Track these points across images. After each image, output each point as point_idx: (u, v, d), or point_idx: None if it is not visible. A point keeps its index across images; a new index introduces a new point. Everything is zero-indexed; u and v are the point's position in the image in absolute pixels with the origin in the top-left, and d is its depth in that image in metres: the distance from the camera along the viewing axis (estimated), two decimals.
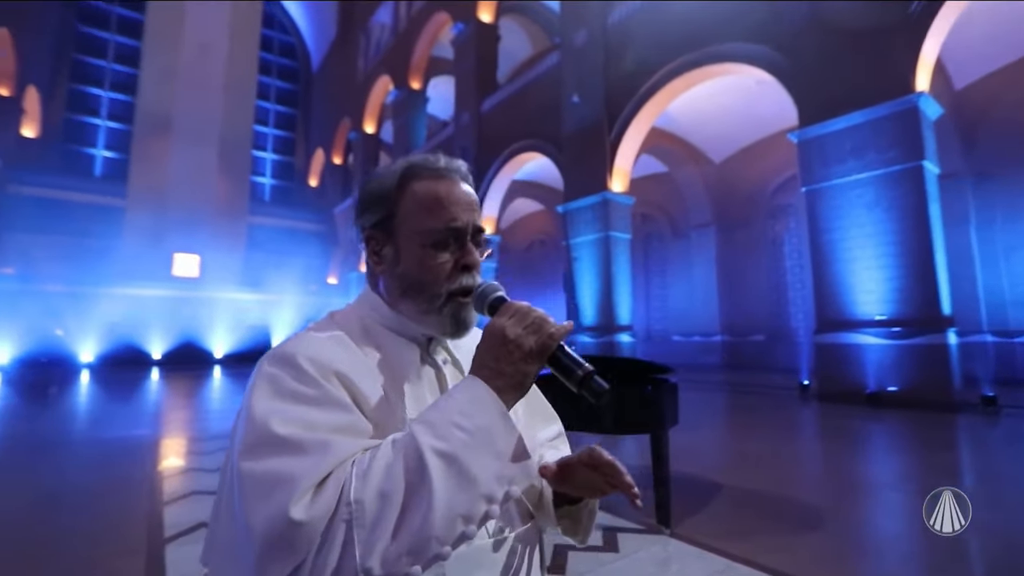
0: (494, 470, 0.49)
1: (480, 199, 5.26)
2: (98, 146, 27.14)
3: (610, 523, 2.99)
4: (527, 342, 0.53)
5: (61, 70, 26.33)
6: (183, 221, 24.07)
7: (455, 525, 0.46)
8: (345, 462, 0.48)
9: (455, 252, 0.63)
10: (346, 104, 28.85)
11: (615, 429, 2.81)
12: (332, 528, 0.44)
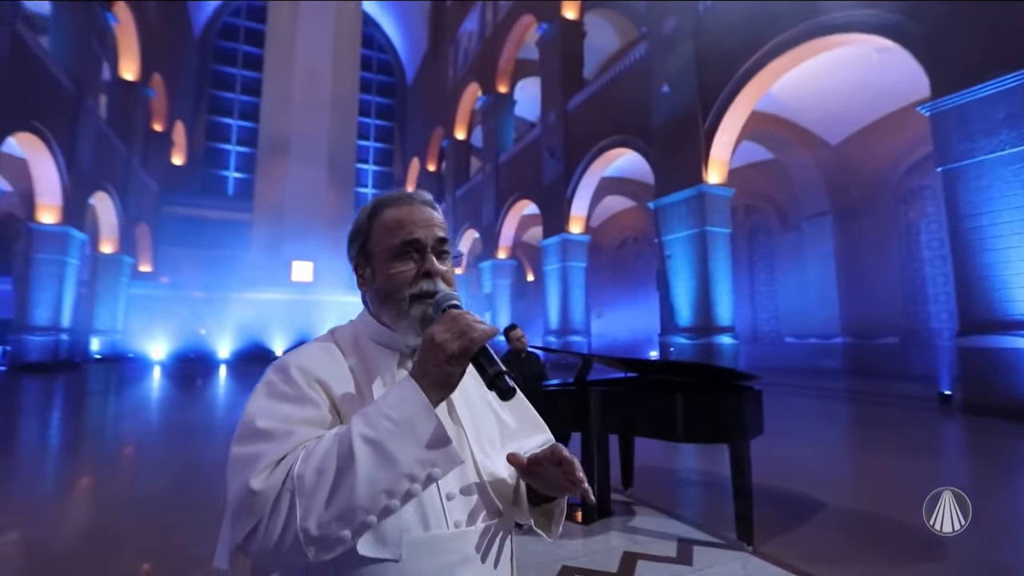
0: (415, 454, 0.58)
1: (569, 198, 5.38)
2: (230, 169, 31.61)
3: (687, 535, 2.93)
4: (451, 346, 0.61)
5: (201, 105, 31.08)
6: (299, 231, 26.95)
7: (379, 498, 0.56)
8: (300, 446, 0.60)
9: (417, 262, 0.73)
10: (438, 113, 30.40)
11: (685, 437, 2.76)
12: (280, 497, 0.56)
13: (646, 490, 3.89)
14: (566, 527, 3.20)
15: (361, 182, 35.89)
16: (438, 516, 0.66)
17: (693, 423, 2.76)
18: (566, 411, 3.13)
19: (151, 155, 24.72)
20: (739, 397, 2.77)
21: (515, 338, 4.07)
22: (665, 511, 3.41)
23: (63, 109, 15.14)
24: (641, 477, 4.16)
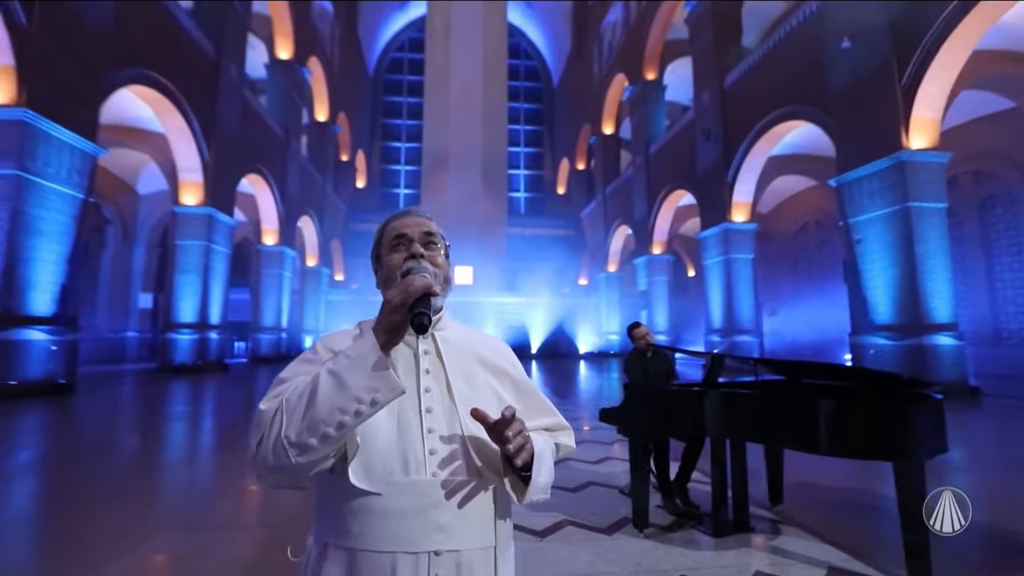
0: (363, 381, 0.73)
1: (730, 183, 7.05)
2: (400, 186, 36.20)
3: (840, 563, 2.56)
4: (395, 300, 0.76)
5: (375, 133, 36.20)
6: (458, 237, 29.45)
7: (334, 414, 0.72)
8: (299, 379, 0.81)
9: (407, 250, 0.92)
10: (585, 111, 30.54)
11: (831, 450, 2.41)
12: (276, 415, 0.76)
13: (800, 509, 3.46)
14: (694, 536, 3.06)
15: (513, 187, 37.79)
16: (419, 465, 0.81)
17: (840, 434, 2.41)
18: (678, 412, 2.98)
19: (340, 181, 29.63)
20: (903, 406, 2.34)
21: (638, 336, 3.98)
22: (819, 534, 3.01)
23: (277, 152, 19.12)
24: (796, 494, 3.71)
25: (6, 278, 8.10)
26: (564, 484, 4.08)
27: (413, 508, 0.79)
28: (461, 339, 0.96)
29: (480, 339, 1.00)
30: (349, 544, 0.80)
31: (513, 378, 0.97)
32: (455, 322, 1.02)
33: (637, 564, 2.66)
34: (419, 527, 0.79)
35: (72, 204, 9.32)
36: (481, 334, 1.02)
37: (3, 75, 8.05)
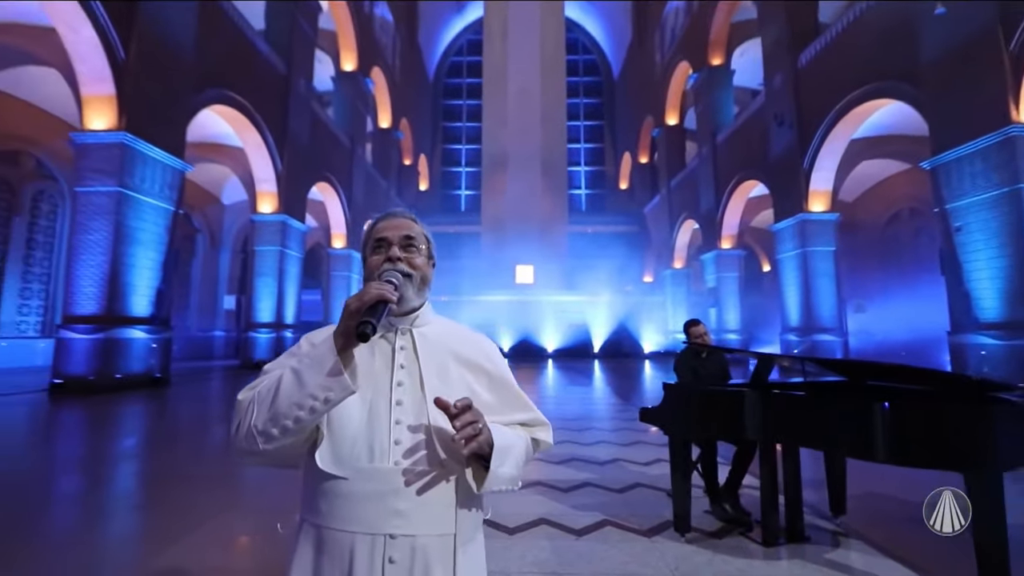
0: (318, 381, 0.80)
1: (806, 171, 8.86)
2: (461, 188, 37.00)
3: None
4: (351, 305, 0.81)
5: (437, 136, 37.24)
6: (519, 237, 29.68)
7: (292, 409, 0.80)
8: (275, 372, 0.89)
9: (381, 255, 0.97)
10: (647, 102, 29.72)
11: (889, 457, 2.21)
12: (250, 405, 0.85)
13: (866, 521, 3.21)
14: (741, 543, 2.92)
15: (574, 184, 37.49)
16: (383, 453, 0.87)
17: (899, 440, 2.21)
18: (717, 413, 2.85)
19: (403, 185, 30.78)
20: (974, 410, 2.11)
21: (695, 334, 3.83)
22: (883, 549, 2.77)
23: (343, 159, 20.20)
24: (863, 505, 3.44)
25: (111, 283, 9.19)
26: (610, 485, 4.03)
27: (373, 493, 0.85)
28: (440, 335, 1.00)
29: (460, 335, 1.03)
30: (318, 522, 0.87)
31: (489, 373, 1.00)
32: (440, 318, 1.05)
33: (675, 568, 2.59)
34: (377, 511, 0.84)
35: (165, 216, 10.40)
36: (463, 330, 1.05)
37: (106, 103, 9.15)
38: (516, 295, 28.39)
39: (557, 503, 3.62)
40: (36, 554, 2.78)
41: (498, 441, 0.87)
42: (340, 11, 20.16)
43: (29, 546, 2.86)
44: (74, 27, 8.57)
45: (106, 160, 9.15)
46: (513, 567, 2.61)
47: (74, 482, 4.37)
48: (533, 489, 3.93)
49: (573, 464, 4.72)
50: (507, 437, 0.91)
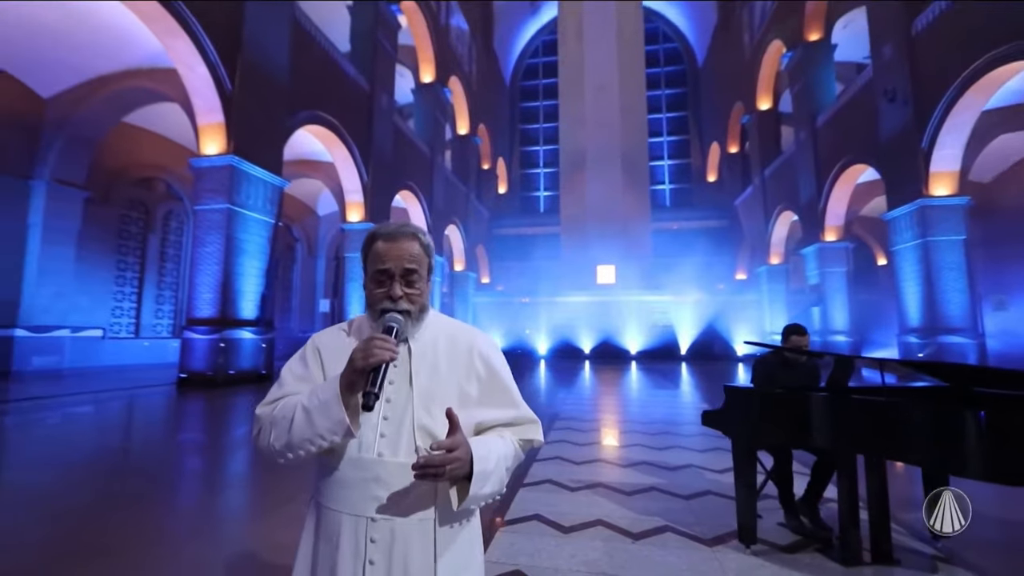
0: (325, 425, 0.93)
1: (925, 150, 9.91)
2: (540, 189, 37.19)
3: None
4: (358, 363, 0.92)
5: (514, 139, 37.76)
6: (600, 236, 29.27)
7: (303, 443, 0.95)
8: (288, 395, 1.03)
9: (387, 286, 1.03)
10: (736, 88, 28.07)
11: (986, 474, 1.95)
12: (264, 425, 1.00)
13: (969, 547, 2.83)
14: (816, 560, 2.70)
15: (657, 179, 36.26)
16: (369, 446, 0.98)
17: (1000, 455, 1.96)
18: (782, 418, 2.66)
19: (482, 189, 31.57)
20: None
21: (796, 344, 3.48)
22: None
23: (423, 167, 21.19)
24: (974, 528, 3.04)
25: (224, 290, 10.41)
26: (678, 491, 3.91)
27: (359, 479, 0.96)
28: (435, 337, 1.08)
29: (455, 337, 1.10)
30: (319, 500, 1.01)
31: (478, 372, 1.07)
32: (441, 319, 1.14)
33: None
34: (361, 496, 0.96)
35: (267, 228, 11.60)
36: (460, 332, 1.12)
37: (217, 131, 10.41)
38: (597, 296, 28.02)
39: (618, 506, 3.58)
40: (167, 517, 3.28)
41: (478, 466, 0.93)
42: (418, 26, 21.21)
43: (162, 511, 3.38)
44: (191, 66, 9.86)
45: (218, 181, 10.40)
46: (563, 565, 2.64)
47: (196, 462, 5.03)
48: (594, 491, 3.91)
49: (642, 468, 4.62)
50: (488, 460, 0.96)
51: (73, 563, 2.62)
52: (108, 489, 4.02)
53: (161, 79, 11.18)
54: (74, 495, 3.81)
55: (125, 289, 15.12)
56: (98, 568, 2.56)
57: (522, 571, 2.56)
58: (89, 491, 3.95)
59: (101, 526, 3.18)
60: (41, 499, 3.67)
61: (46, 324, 12.57)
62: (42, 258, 12.39)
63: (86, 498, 3.76)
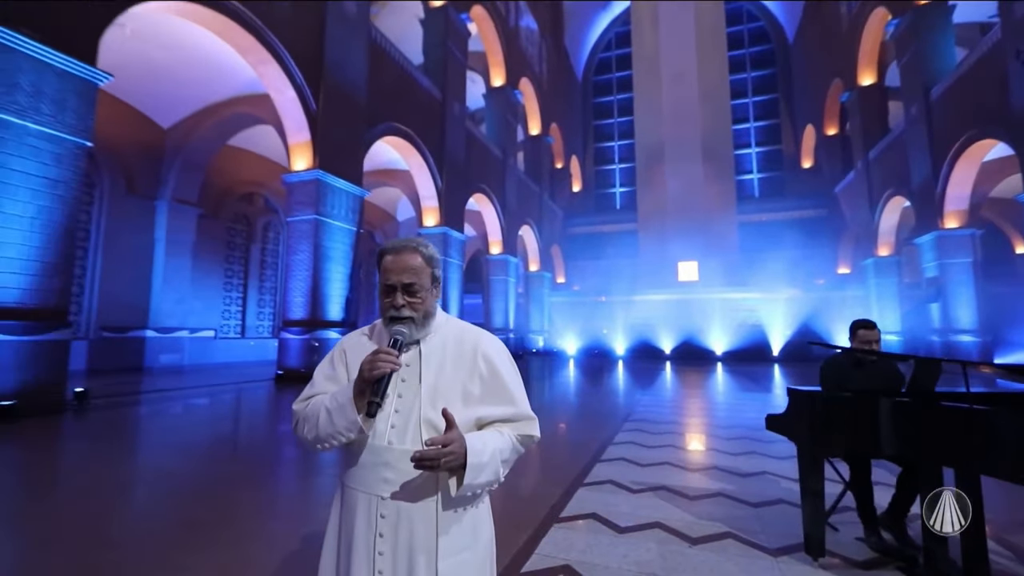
0: (342, 424, 1.10)
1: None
2: (616, 186, 36.48)
3: None
4: (364, 373, 1.07)
5: (588, 136, 37.33)
6: (681, 232, 28.24)
7: (328, 438, 1.12)
8: (319, 393, 1.19)
9: (392, 297, 1.17)
10: (833, 64, 25.85)
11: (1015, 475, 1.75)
12: (301, 418, 1.18)
13: None
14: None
15: (743, 168, 34.29)
16: (382, 434, 1.13)
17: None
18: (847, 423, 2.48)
19: (555, 189, 31.56)
20: None
21: (862, 339, 3.20)
22: None
23: (496, 170, 21.63)
24: None
25: (313, 294, 11.36)
26: (747, 498, 3.75)
27: (372, 463, 1.12)
28: (444, 340, 1.21)
29: (464, 339, 1.23)
30: (344, 481, 1.18)
31: (480, 371, 1.18)
32: (451, 321, 1.27)
33: None
34: (374, 477, 1.11)
35: (349, 235, 12.47)
36: (468, 334, 1.24)
37: (305, 148, 11.39)
38: (678, 294, 27.06)
39: (679, 509, 3.52)
40: (265, 495, 3.72)
41: (472, 459, 1.04)
42: (487, 32, 21.69)
43: (262, 490, 3.83)
44: (280, 90, 10.88)
45: (306, 194, 11.37)
46: (613, 563, 2.66)
47: (291, 450, 5.58)
48: (656, 493, 3.86)
49: (711, 473, 4.47)
50: (483, 454, 1.07)
51: (197, 529, 3.08)
52: (221, 469, 4.62)
53: (257, 104, 12.40)
54: (195, 473, 4.43)
55: (232, 294, 16.93)
56: (215, 532, 3.00)
57: (572, 566, 2.61)
58: (206, 470, 4.57)
59: (216, 499, 3.70)
60: (169, 476, 4.32)
61: (170, 326, 14.42)
62: (166, 269, 14.24)
63: (204, 476, 4.36)
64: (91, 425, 6.37)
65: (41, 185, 6.47)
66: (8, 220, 6.21)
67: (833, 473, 3.40)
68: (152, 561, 2.66)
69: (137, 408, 7.96)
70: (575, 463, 4.81)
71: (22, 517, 3.35)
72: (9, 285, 6.24)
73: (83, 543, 2.87)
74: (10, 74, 6.13)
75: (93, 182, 13.02)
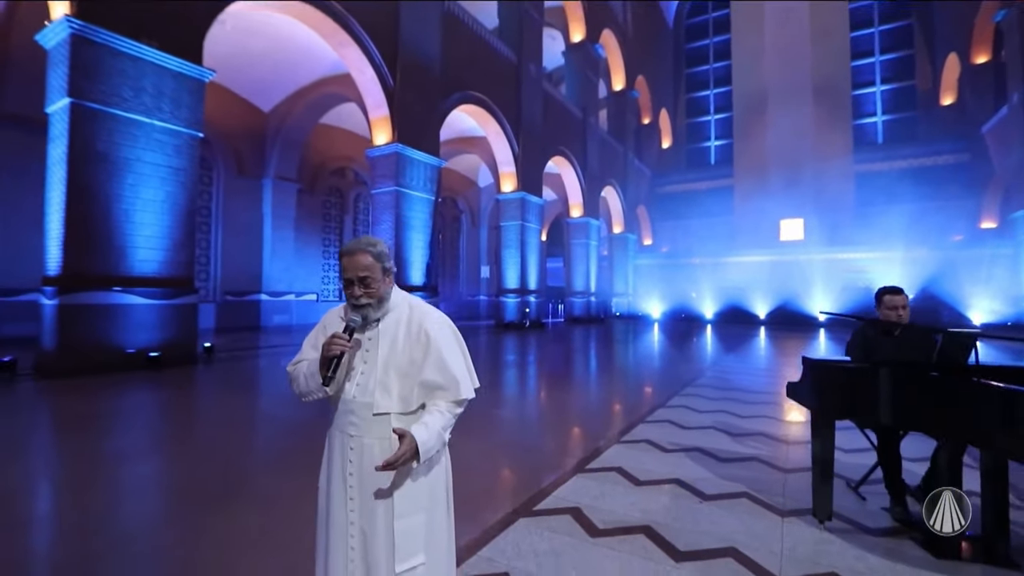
0: (314, 386, 1.49)
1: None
2: (710, 139, 34.11)
3: None
4: (324, 353, 1.42)
5: (679, 87, 34.94)
6: (784, 187, 26.14)
7: (308, 394, 1.53)
8: (305, 359, 1.57)
9: (351, 290, 1.49)
10: None
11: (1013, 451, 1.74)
12: (292, 378, 1.59)
13: None
14: (902, 546, 2.56)
15: (864, 109, 30.47)
16: (349, 391, 1.49)
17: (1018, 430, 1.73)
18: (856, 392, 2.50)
19: (642, 146, 30.30)
20: None
21: (888, 305, 3.02)
22: None
23: (576, 131, 21.29)
24: None
25: (396, 261, 12.32)
26: (781, 464, 3.82)
27: (343, 412, 1.51)
28: (399, 318, 1.54)
29: (413, 318, 1.55)
30: (329, 424, 1.58)
31: (424, 343, 1.50)
32: (408, 300, 1.60)
33: (789, 548, 2.52)
34: (344, 421, 1.50)
35: (428, 205, 13.24)
36: (417, 313, 1.56)
37: (384, 123, 12.15)
38: (778, 254, 25.33)
39: (704, 469, 3.68)
40: None
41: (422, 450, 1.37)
42: None
43: None
44: (360, 69, 11.63)
45: (387, 167, 12.21)
46: (619, 510, 2.94)
47: None
48: (688, 454, 4.03)
49: (755, 439, 4.52)
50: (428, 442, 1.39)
51: (290, 456, 3.88)
52: (320, 416, 5.49)
53: (342, 83, 13.33)
54: (302, 416, 5.29)
55: (330, 261, 18.71)
56: (303, 460, 3.73)
57: (581, 509, 2.95)
58: (309, 416, 5.40)
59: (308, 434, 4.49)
60: (283, 420, 5.24)
61: (279, 291, 16.40)
62: (273, 240, 16.09)
63: (308, 419, 5.18)
64: (217, 373, 7.72)
65: (167, 173, 7.72)
66: (145, 204, 7.53)
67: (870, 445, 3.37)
68: (269, 469, 3.42)
69: (255, 360, 9.38)
70: (619, 423, 5.08)
71: (174, 439, 4.52)
72: (149, 259, 7.62)
73: (220, 456, 3.86)
74: (137, 80, 7.31)
75: (210, 165, 14.95)
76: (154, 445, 4.36)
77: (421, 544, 1.45)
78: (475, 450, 4.16)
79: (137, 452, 4.08)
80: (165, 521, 2.92)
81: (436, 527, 1.50)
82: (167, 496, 3.30)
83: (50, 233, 7.07)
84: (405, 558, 1.41)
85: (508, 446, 4.37)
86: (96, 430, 4.68)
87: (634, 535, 2.65)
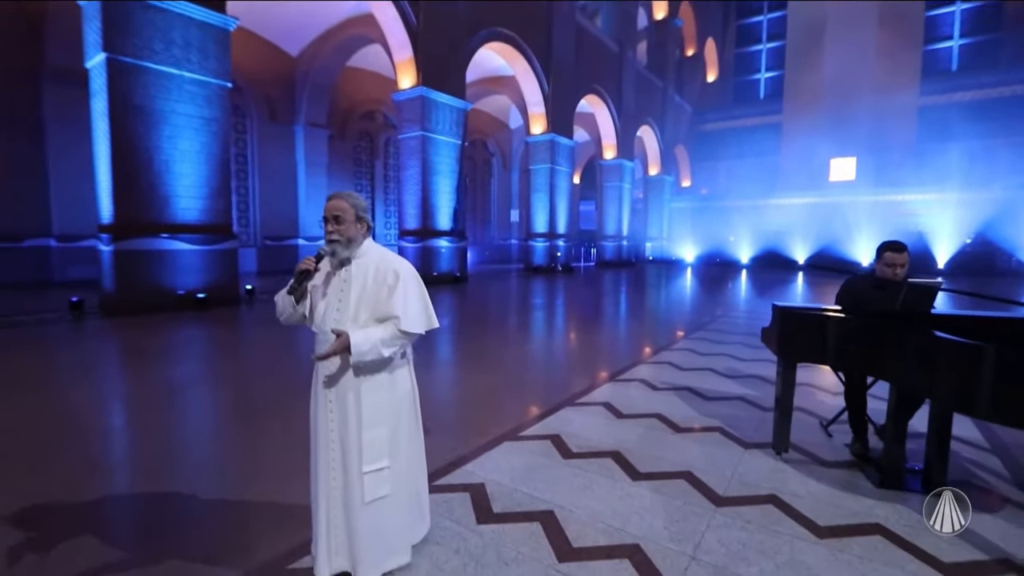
0: (288, 303, 1.85)
1: None
2: (760, 71, 31.81)
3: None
4: (295, 270, 1.77)
5: (728, 12, 32.31)
6: (839, 122, 24.56)
7: (283, 311, 1.90)
8: None
9: (328, 225, 1.82)
10: None
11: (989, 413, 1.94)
12: (277, 301, 1.92)
13: None
14: (851, 476, 2.82)
15: (938, 32, 27.62)
16: (328, 324, 1.82)
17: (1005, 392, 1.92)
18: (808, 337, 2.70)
19: (684, 80, 28.69)
20: None
21: (886, 261, 3.01)
22: None
23: (611, 67, 20.39)
24: None
25: (423, 206, 12.64)
26: (764, 404, 4.04)
27: (322, 340, 1.84)
28: (368, 263, 1.86)
29: (383, 263, 1.86)
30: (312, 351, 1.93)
31: (389, 283, 1.82)
32: (376, 249, 1.90)
33: (739, 473, 2.82)
34: (322, 345, 1.83)
35: (454, 149, 13.31)
36: (386, 261, 1.87)
37: (408, 65, 12.09)
38: (830, 195, 24.18)
39: (688, 407, 3.97)
40: None
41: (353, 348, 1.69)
42: None
43: None
44: (382, 8, 11.49)
45: (413, 111, 12.28)
46: (595, 437, 3.30)
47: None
48: (677, 393, 4.32)
49: (748, 381, 4.74)
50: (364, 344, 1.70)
51: None
52: None
53: (367, 24, 13.20)
54: None
55: None
56: None
57: (561, 436, 3.32)
58: None
59: None
60: (310, 351, 5.82)
61: (315, 235, 17.11)
62: (307, 186, 16.63)
63: None
64: (258, 313, 8.44)
65: (199, 124, 8.14)
66: (183, 155, 8.03)
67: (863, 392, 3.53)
68: (293, 391, 3.97)
69: None
70: (619, 363, 5.39)
71: (223, 371, 5.16)
72: (190, 207, 8.20)
73: (257, 381, 4.51)
74: (166, 32, 7.60)
75: (244, 113, 15.35)
76: (203, 372, 5.02)
77: (386, 451, 1.83)
78: (482, 384, 4.60)
79: (190, 377, 4.74)
80: (212, 431, 3.55)
81: (399, 438, 1.87)
82: (215, 412, 3.94)
83: (100, 184, 7.70)
84: (371, 461, 1.80)
85: (511, 382, 4.77)
86: (157, 360, 5.38)
87: (602, 458, 3.01)
